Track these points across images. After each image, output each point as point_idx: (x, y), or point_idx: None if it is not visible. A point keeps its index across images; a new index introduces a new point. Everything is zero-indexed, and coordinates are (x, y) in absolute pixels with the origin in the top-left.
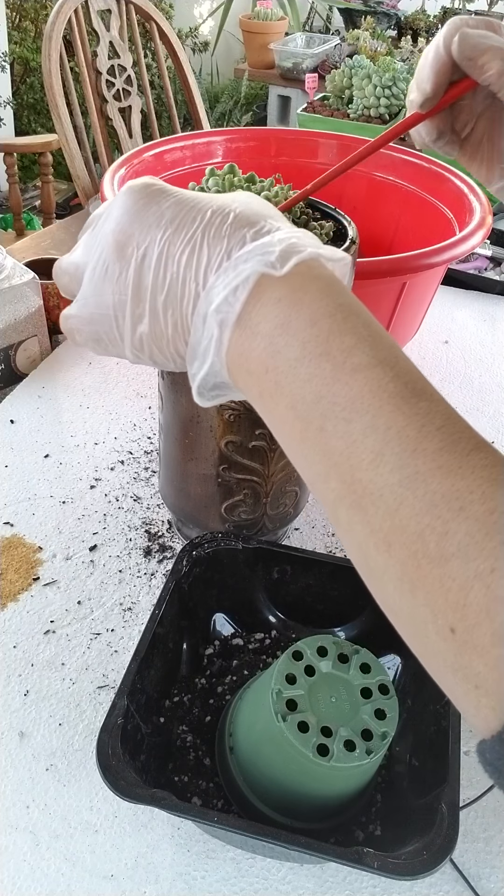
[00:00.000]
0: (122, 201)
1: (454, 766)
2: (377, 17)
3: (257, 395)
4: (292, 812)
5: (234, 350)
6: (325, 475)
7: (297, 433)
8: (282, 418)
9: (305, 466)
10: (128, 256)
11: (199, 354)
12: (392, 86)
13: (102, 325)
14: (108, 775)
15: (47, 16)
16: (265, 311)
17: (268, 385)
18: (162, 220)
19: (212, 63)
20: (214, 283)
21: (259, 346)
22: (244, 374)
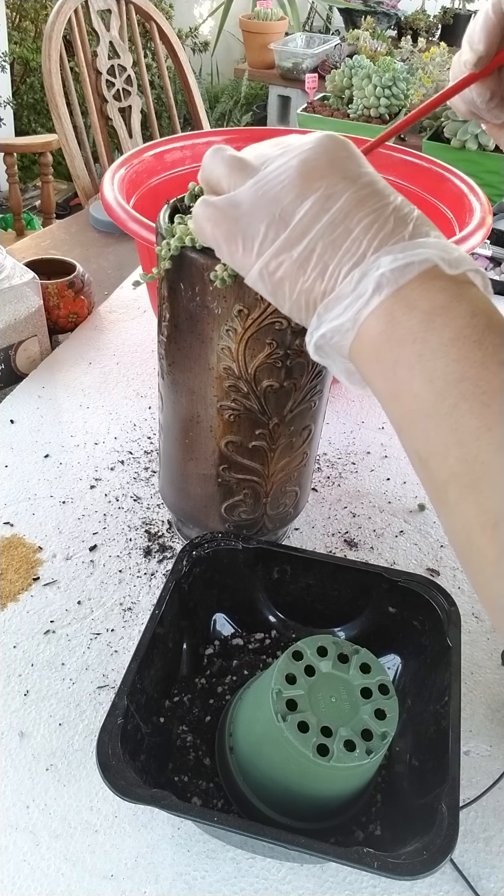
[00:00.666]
0: (325, 142)
1: (454, 766)
2: (377, 17)
3: (391, 363)
4: (292, 812)
5: (378, 316)
6: (446, 452)
7: (428, 407)
8: (414, 391)
9: (424, 441)
10: (313, 189)
11: (337, 308)
12: (392, 86)
13: (248, 229)
14: (108, 775)
15: (47, 16)
16: (428, 293)
17: (410, 355)
18: (359, 180)
19: (212, 63)
20: (388, 252)
21: (413, 319)
22: (381, 340)
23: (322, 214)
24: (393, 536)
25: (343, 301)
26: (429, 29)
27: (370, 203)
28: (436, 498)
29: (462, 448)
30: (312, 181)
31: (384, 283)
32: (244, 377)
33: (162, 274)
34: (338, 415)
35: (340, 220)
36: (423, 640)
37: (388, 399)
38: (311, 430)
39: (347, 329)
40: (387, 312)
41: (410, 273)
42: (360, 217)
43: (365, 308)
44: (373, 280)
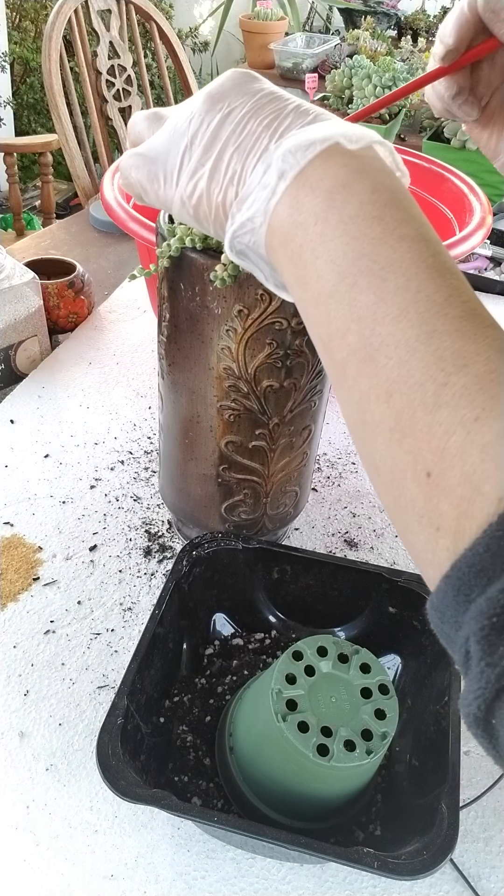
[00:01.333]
0: (229, 74)
1: (454, 766)
2: (377, 17)
3: (297, 248)
4: (292, 812)
5: (284, 203)
6: (345, 330)
7: (329, 287)
8: (317, 273)
9: (325, 323)
10: (216, 109)
11: (247, 202)
12: (392, 86)
13: (166, 165)
14: (108, 775)
15: (47, 16)
16: (330, 171)
17: (313, 237)
18: (259, 93)
19: (212, 63)
20: (287, 139)
21: (315, 199)
22: (288, 226)
23: (226, 126)
24: (393, 536)
25: (251, 195)
26: (429, 29)
27: (270, 107)
28: (335, 378)
29: (360, 324)
30: (215, 104)
31: (287, 168)
32: (244, 377)
33: (161, 272)
34: (338, 415)
35: (243, 126)
36: (423, 640)
37: (295, 284)
38: (311, 430)
39: (260, 223)
40: (292, 197)
41: (311, 152)
42: (260, 119)
43: (273, 197)
44: (275, 168)
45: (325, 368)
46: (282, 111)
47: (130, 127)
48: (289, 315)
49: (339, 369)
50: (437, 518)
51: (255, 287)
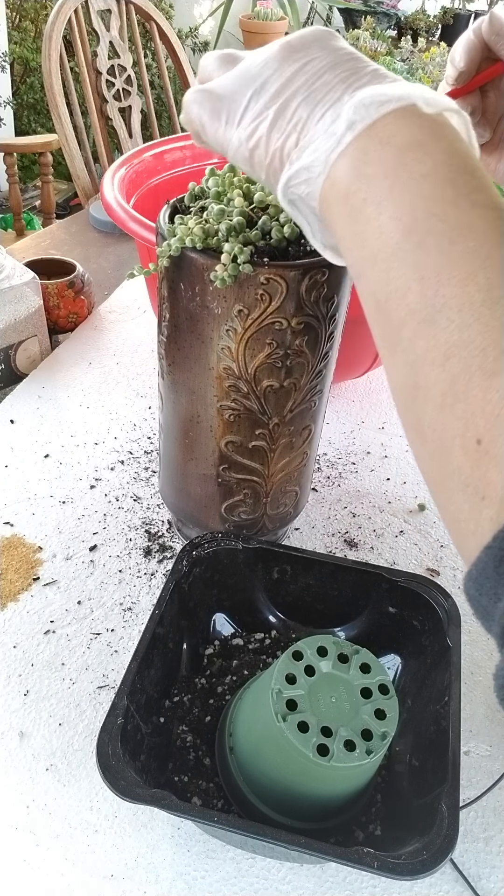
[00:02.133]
0: (309, 28)
1: (454, 766)
2: (377, 17)
3: (359, 202)
4: (292, 812)
5: (349, 154)
6: (405, 289)
7: (392, 244)
8: (379, 228)
9: (384, 282)
10: (293, 58)
11: (309, 148)
12: None
13: (231, 104)
14: (108, 775)
15: (47, 16)
16: (404, 129)
17: (379, 191)
18: (339, 50)
19: None
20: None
21: (387, 154)
22: (351, 179)
23: (300, 75)
24: (393, 536)
25: (314, 143)
26: (429, 29)
27: (349, 64)
28: (388, 341)
29: (422, 284)
30: (293, 52)
31: (357, 119)
32: (244, 377)
33: (161, 272)
34: (338, 415)
35: (318, 76)
36: (423, 640)
37: (352, 241)
38: (311, 430)
39: (319, 172)
40: (359, 149)
41: (386, 108)
42: (337, 72)
43: (337, 146)
44: (345, 118)
45: (376, 331)
46: (360, 70)
47: (202, 66)
48: (289, 315)
49: (394, 330)
50: (484, 487)
51: (255, 287)
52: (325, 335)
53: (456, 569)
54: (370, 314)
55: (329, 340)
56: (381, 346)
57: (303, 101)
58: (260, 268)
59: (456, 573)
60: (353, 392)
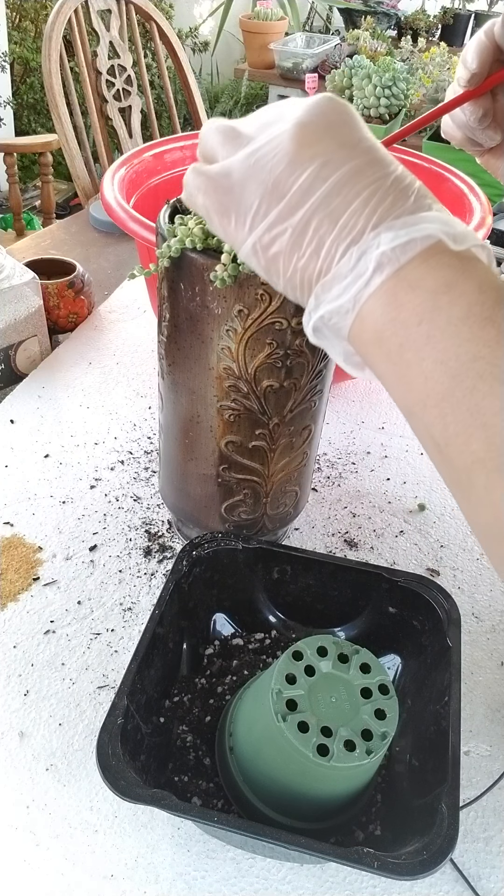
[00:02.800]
0: (321, 105)
1: (454, 766)
2: (377, 17)
3: (396, 347)
4: (292, 812)
5: (379, 297)
6: (467, 436)
7: (441, 390)
8: (423, 374)
9: (440, 426)
10: (308, 156)
11: (336, 288)
12: (392, 86)
13: (241, 202)
14: (108, 775)
15: (47, 16)
16: (432, 271)
17: (417, 337)
18: (358, 146)
19: (212, 63)
20: (389, 228)
21: (417, 299)
22: (384, 322)
23: (318, 185)
24: (393, 536)
25: (342, 281)
26: (429, 29)
27: (369, 173)
28: (457, 484)
29: (487, 431)
30: (307, 147)
31: (385, 261)
32: (244, 377)
33: (161, 272)
34: (338, 415)
35: (337, 191)
36: (423, 640)
37: (396, 383)
38: (311, 430)
39: (347, 310)
40: (389, 293)
41: (412, 250)
42: (358, 189)
43: (365, 289)
44: (373, 259)
45: (440, 469)
46: (381, 184)
47: (202, 137)
48: (289, 315)
49: (462, 474)
50: None
51: (255, 287)
52: None
53: (456, 569)
54: (429, 451)
55: None
56: (450, 484)
57: (323, 219)
58: None
59: (456, 573)
60: (353, 392)
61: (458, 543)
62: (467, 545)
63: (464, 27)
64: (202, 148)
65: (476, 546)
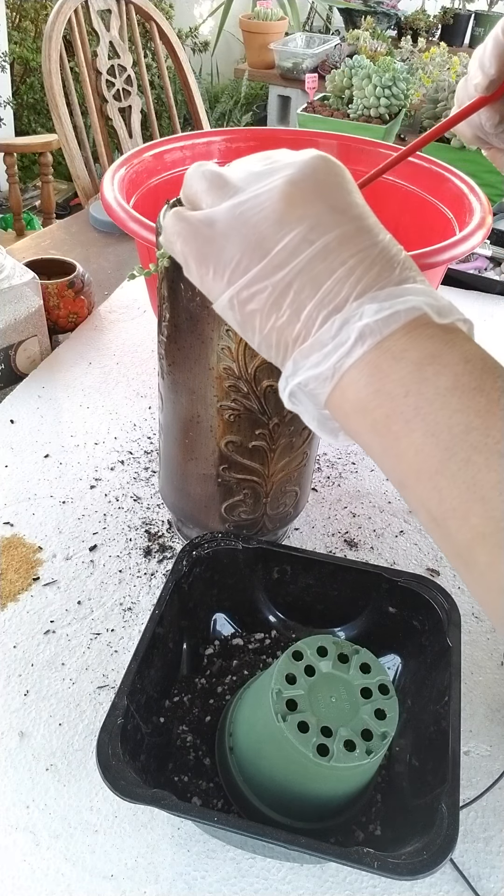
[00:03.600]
0: (314, 164)
1: (454, 766)
2: (377, 17)
3: (382, 418)
4: (292, 812)
5: (361, 368)
6: (465, 511)
7: (435, 463)
8: (414, 447)
9: (437, 501)
10: (296, 217)
11: (315, 355)
12: (392, 86)
13: (221, 255)
14: (108, 775)
15: (47, 16)
16: (416, 342)
17: (404, 409)
18: (348, 212)
19: (212, 63)
20: (372, 300)
21: (402, 370)
22: (368, 393)
23: (303, 247)
24: (393, 536)
25: (321, 349)
26: (429, 29)
27: (357, 241)
28: (459, 558)
29: (486, 505)
30: (296, 208)
31: (367, 332)
32: (244, 377)
33: (161, 272)
34: None
35: (322, 256)
36: (423, 640)
37: (383, 454)
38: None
39: (326, 378)
40: (371, 364)
41: (396, 322)
42: (343, 257)
43: (346, 358)
44: (355, 329)
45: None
46: (367, 253)
47: (187, 180)
48: None
49: (463, 549)
50: None
51: None
52: None
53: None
54: (425, 523)
55: None
56: (450, 557)
57: (305, 284)
58: None
59: (456, 573)
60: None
61: None
62: None
63: (464, 27)
64: (186, 192)
65: None
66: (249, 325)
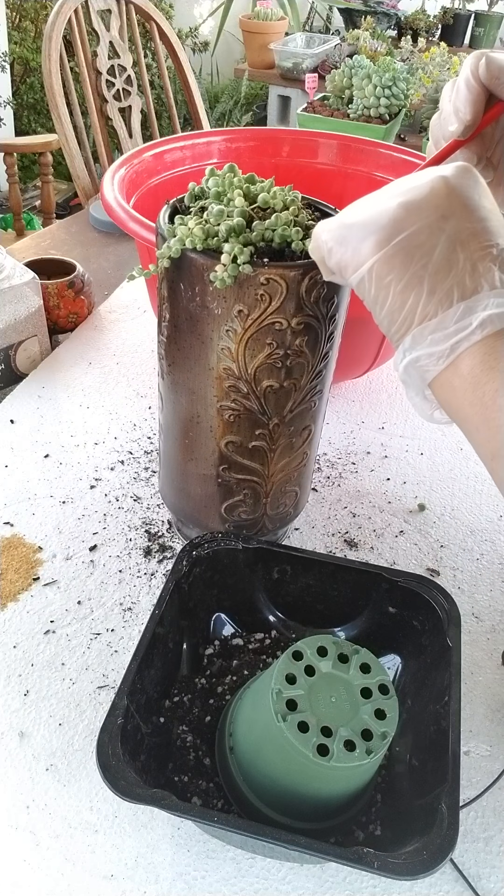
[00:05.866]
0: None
1: (454, 766)
2: (377, 17)
3: (491, 392)
4: (292, 812)
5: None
6: None
7: None
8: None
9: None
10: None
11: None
12: (392, 86)
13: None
14: (108, 775)
15: (47, 16)
16: None
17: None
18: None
19: (212, 63)
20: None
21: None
22: (481, 371)
23: (438, 233)
24: (393, 536)
25: (444, 330)
26: (429, 29)
27: (483, 238)
28: None
29: None
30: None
31: (488, 322)
32: (244, 377)
33: (161, 272)
34: (338, 415)
35: (454, 245)
36: (423, 640)
37: (482, 426)
38: (311, 430)
39: (441, 357)
40: (488, 346)
41: None
42: (472, 249)
43: (466, 341)
44: (479, 318)
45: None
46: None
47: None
48: (289, 315)
49: None
50: None
51: (254, 287)
52: (325, 335)
53: (456, 569)
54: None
55: (329, 340)
56: None
57: (440, 267)
58: (260, 268)
59: (456, 573)
60: (353, 392)
61: (458, 543)
62: (467, 545)
63: (464, 27)
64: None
65: (476, 546)
66: (382, 298)
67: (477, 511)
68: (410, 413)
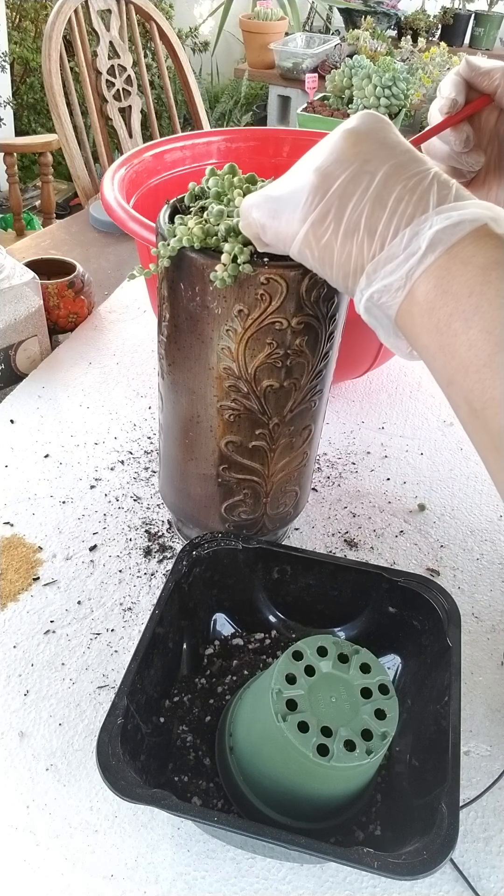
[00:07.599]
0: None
1: (454, 766)
2: (377, 17)
3: (445, 317)
4: (292, 812)
5: (432, 273)
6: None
7: (484, 357)
8: (469, 342)
9: (479, 391)
10: (352, 154)
11: (389, 266)
12: (392, 86)
13: (290, 202)
14: (108, 775)
15: (47, 16)
16: (482, 249)
17: (466, 308)
18: (398, 147)
19: (212, 63)
20: (438, 212)
21: (468, 273)
22: (435, 296)
23: (363, 176)
24: (393, 536)
25: (395, 260)
26: (429, 29)
27: (412, 167)
28: (491, 447)
29: None
30: (353, 146)
31: (437, 241)
32: (244, 377)
33: (161, 272)
34: (338, 415)
35: (383, 182)
36: (423, 640)
37: (438, 352)
38: (311, 430)
39: (398, 287)
40: (441, 268)
41: (462, 231)
42: (403, 179)
43: (419, 266)
44: (426, 238)
45: (474, 436)
46: (424, 175)
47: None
48: (289, 315)
49: (497, 437)
50: None
51: (255, 287)
52: (325, 335)
53: (456, 569)
54: (464, 418)
55: (329, 340)
56: (483, 449)
57: (375, 207)
58: (260, 268)
59: (456, 573)
60: (353, 392)
61: (458, 543)
62: (467, 545)
63: (464, 27)
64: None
65: (476, 546)
66: (327, 259)
67: (477, 511)
68: (410, 413)
